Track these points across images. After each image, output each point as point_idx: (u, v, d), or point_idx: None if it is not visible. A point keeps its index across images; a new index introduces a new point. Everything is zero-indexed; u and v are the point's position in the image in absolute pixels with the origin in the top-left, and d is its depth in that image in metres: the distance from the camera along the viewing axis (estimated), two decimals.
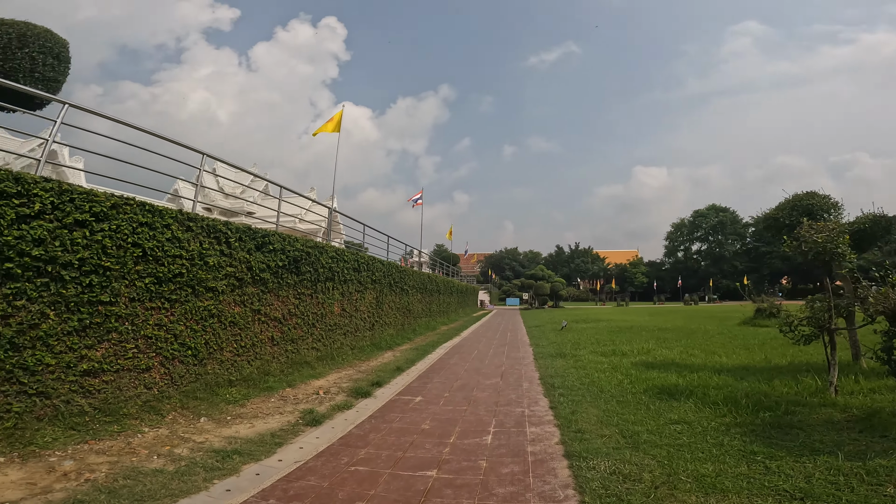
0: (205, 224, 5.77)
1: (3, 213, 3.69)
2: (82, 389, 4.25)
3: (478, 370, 8.10)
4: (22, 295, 3.82)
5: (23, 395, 3.77)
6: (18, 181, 3.83)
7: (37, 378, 3.88)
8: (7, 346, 3.67)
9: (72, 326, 4.19)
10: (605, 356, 8.93)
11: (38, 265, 3.94)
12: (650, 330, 14.25)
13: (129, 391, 4.71)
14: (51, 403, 3.97)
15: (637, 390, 6.04)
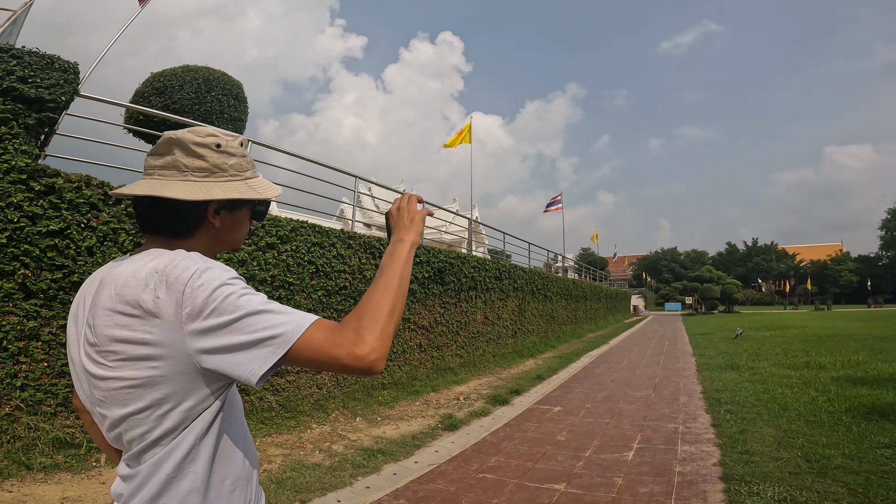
0: (362, 241, 6.61)
1: None
2: (272, 388, 5.23)
3: (626, 381, 7.53)
4: None
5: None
6: None
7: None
8: None
9: None
10: (793, 369, 7.47)
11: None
12: (861, 339, 11.41)
13: (304, 390, 5.61)
14: (249, 399, 4.98)
15: (836, 409, 4.96)
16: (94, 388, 0.76)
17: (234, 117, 8.95)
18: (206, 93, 8.50)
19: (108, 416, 0.75)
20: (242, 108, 9.20)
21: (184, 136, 0.82)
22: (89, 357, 0.75)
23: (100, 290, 0.75)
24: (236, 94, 9.09)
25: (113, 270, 0.77)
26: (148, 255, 0.77)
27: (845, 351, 9.17)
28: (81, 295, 0.81)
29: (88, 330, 0.75)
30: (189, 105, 8.27)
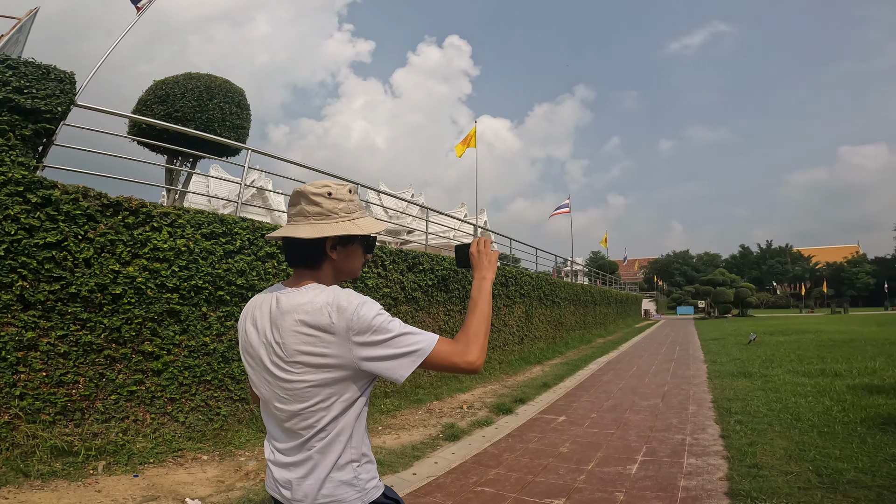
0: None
1: (214, 251, 4.80)
2: None
3: (634, 389, 7.38)
4: (231, 317, 4.89)
5: (229, 401, 4.78)
6: (223, 223, 4.95)
7: (240, 386, 4.87)
8: (220, 358, 4.73)
9: None
10: (808, 377, 7.25)
11: (242, 292, 5.00)
12: (879, 344, 11.08)
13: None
14: (248, 409, 4.93)
15: (851, 419, 4.79)
16: (278, 389, 1.02)
17: (237, 125, 8.93)
18: (207, 100, 8.51)
19: (288, 409, 1.01)
20: (245, 115, 9.18)
21: (306, 188, 1.08)
22: (277, 366, 1.01)
23: (283, 316, 1.01)
24: (238, 101, 9.06)
25: (289, 300, 1.03)
26: (312, 288, 1.04)
27: (862, 357, 8.89)
28: (256, 315, 1.08)
29: (277, 347, 1.01)
30: (191, 113, 8.30)
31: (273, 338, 1.02)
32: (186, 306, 4.47)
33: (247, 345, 1.10)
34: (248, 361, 1.11)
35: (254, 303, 1.13)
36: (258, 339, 1.07)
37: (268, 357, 1.04)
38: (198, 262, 4.56)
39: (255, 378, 1.09)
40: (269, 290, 1.13)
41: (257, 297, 1.13)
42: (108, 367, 4.03)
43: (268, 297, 1.09)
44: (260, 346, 1.06)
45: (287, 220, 1.12)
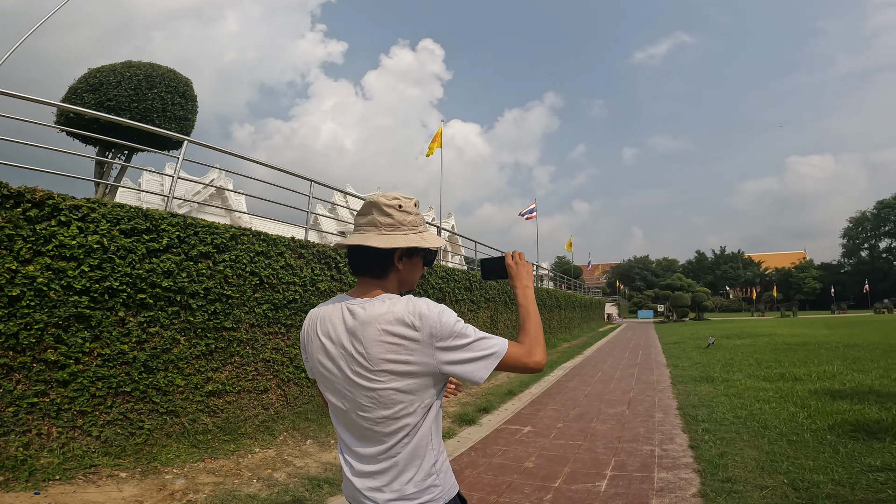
0: (315, 250, 6.07)
1: (135, 249, 4.21)
2: (208, 409, 4.63)
3: (600, 396, 7.18)
4: (155, 322, 4.30)
5: (154, 414, 4.21)
6: (148, 218, 4.37)
7: (168, 398, 4.30)
8: (142, 368, 4.14)
9: (200, 351, 4.61)
10: (769, 381, 7.26)
11: (169, 295, 4.42)
12: (832, 347, 11.44)
13: (248, 411, 5.02)
14: (179, 422, 4.37)
15: (818, 426, 4.69)
16: (361, 398, 1.04)
17: (180, 116, 8.33)
18: (146, 90, 7.88)
19: (373, 416, 1.04)
20: (190, 106, 8.60)
21: (379, 199, 1.11)
22: (361, 376, 1.03)
23: (364, 327, 1.03)
24: (183, 91, 8.48)
25: (368, 310, 1.04)
26: (387, 298, 1.07)
27: (818, 361, 9.09)
28: (328, 327, 1.09)
29: (360, 357, 1.03)
30: (126, 102, 7.62)
31: (354, 349, 1.03)
32: (99, 310, 3.87)
33: (320, 356, 1.10)
34: (322, 373, 1.10)
35: (320, 314, 1.13)
36: (336, 350, 1.07)
37: (348, 368, 1.04)
38: (113, 262, 3.97)
39: (331, 389, 1.10)
40: (334, 301, 1.13)
41: (323, 309, 1.14)
42: (4, 377, 3.45)
43: (336, 309, 1.10)
44: (339, 358, 1.06)
45: (355, 229, 1.15)
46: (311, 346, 1.12)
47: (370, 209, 1.11)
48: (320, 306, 1.16)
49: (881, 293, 53.86)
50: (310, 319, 1.15)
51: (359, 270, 1.14)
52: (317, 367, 1.12)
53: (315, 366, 1.12)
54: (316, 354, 1.11)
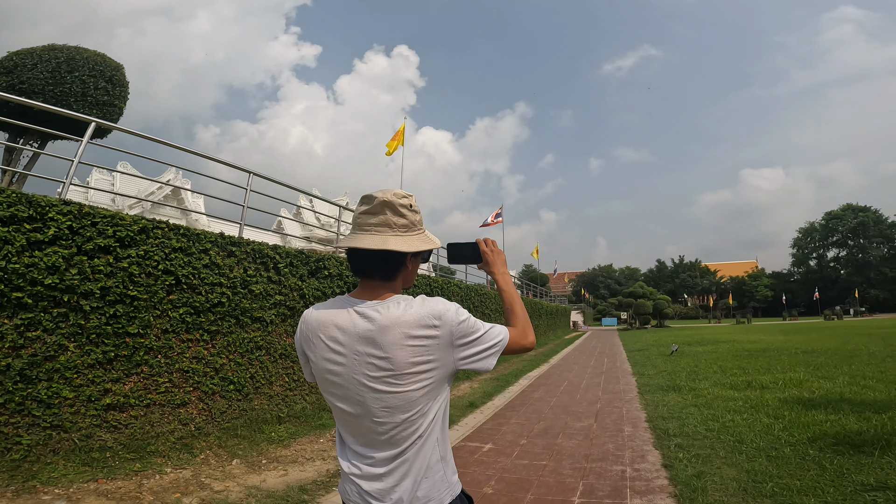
0: (249, 249, 5.34)
1: (13, 240, 3.42)
2: (106, 424, 3.86)
3: (566, 408, 6.71)
4: (36, 326, 3.51)
5: (35, 428, 3.47)
6: (32, 204, 3.58)
7: (52, 411, 3.55)
8: (17, 377, 3.36)
9: (95, 359, 3.83)
10: (736, 390, 6.99)
11: (54, 294, 3.63)
12: (792, 353, 11.49)
13: (160, 427, 4.29)
14: (69, 437, 3.62)
15: (797, 440, 4.35)
16: (379, 403, 1.00)
17: (104, 101, 7.55)
18: (66, 73, 7.10)
19: (392, 420, 1.00)
20: (118, 92, 7.84)
21: (391, 198, 1.07)
22: (383, 381, 0.99)
23: (383, 332, 0.99)
24: (111, 76, 7.74)
25: (385, 314, 1.00)
26: (401, 300, 1.04)
27: (781, 367, 8.99)
28: (336, 333, 1.03)
29: (383, 362, 0.98)
30: (40, 85, 6.80)
31: (373, 354, 1.00)
32: None
33: (327, 363, 1.04)
34: (331, 379, 1.05)
35: (321, 318, 1.07)
36: (348, 356, 1.02)
37: (365, 374, 1.00)
38: None
39: (340, 395, 1.05)
40: (337, 304, 1.08)
41: (323, 312, 1.07)
42: None
43: (342, 313, 1.05)
44: (352, 364, 1.02)
45: (359, 229, 1.08)
46: (315, 350, 1.06)
47: (382, 209, 1.06)
48: (317, 308, 1.09)
49: (830, 300, 56.85)
50: (307, 322, 1.09)
51: (368, 273, 1.09)
52: (323, 374, 1.06)
53: (321, 372, 1.06)
54: (322, 360, 1.05)
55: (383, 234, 1.04)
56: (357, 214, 1.09)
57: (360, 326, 1.00)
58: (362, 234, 1.05)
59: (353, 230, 1.10)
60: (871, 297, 55.97)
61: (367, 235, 1.05)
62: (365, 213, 1.07)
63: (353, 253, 1.08)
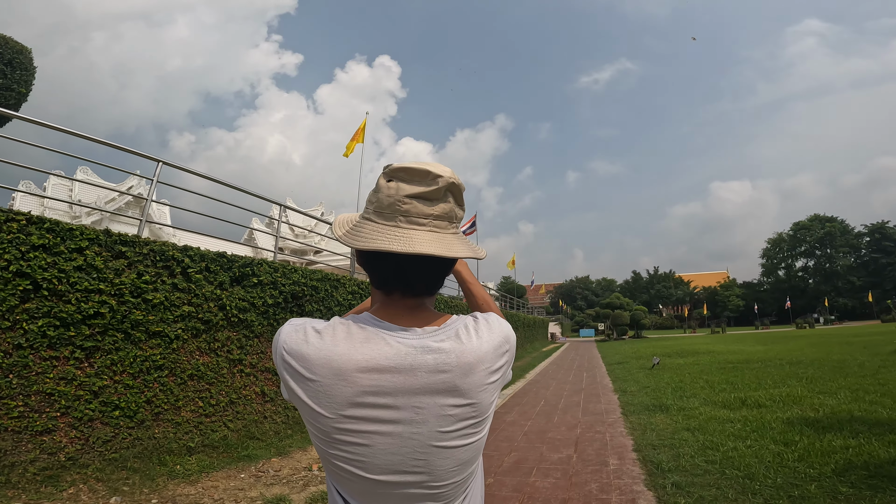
0: (147, 249, 4.31)
1: None
2: None
3: (542, 434, 5.80)
4: None
5: None
6: None
7: None
8: None
9: None
10: (730, 409, 6.22)
11: None
12: (778, 364, 10.91)
13: (15, 456, 3.35)
14: None
15: (819, 473, 3.56)
16: (448, 462, 0.74)
17: (0, 85, 6.55)
18: None
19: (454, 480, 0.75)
20: (18, 76, 6.96)
21: (458, 180, 0.76)
22: (460, 434, 0.73)
23: (468, 373, 0.72)
24: (10, 59, 6.87)
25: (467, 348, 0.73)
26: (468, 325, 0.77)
27: (772, 382, 8.31)
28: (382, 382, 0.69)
29: (465, 410, 0.73)
30: None
31: (449, 403, 0.72)
32: None
33: (362, 423, 0.69)
34: (359, 444, 0.69)
35: (353, 358, 0.68)
36: (405, 411, 0.70)
37: (436, 432, 0.71)
38: None
39: (381, 464, 0.70)
40: (364, 333, 0.71)
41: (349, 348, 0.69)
42: None
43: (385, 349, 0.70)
44: (415, 420, 0.70)
45: (404, 218, 0.72)
46: (330, 402, 0.68)
47: (446, 194, 0.74)
48: (326, 337, 0.69)
49: (799, 309, 58.05)
50: (307, 360, 0.68)
51: (418, 287, 0.78)
52: (342, 435, 0.69)
53: (337, 432, 0.69)
54: (344, 420, 0.68)
55: (445, 233, 0.74)
56: (401, 197, 0.71)
57: (425, 367, 0.70)
58: (419, 231, 0.71)
59: (398, 222, 0.71)
60: (839, 306, 57.39)
61: (425, 233, 0.72)
62: (419, 198, 0.72)
63: (400, 259, 0.72)
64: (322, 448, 0.74)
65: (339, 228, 0.79)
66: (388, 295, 0.78)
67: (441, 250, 0.71)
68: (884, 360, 10.17)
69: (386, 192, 0.73)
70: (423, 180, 0.73)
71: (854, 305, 57.50)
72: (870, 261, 59.27)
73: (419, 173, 0.73)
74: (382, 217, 0.73)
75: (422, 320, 0.76)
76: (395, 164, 0.75)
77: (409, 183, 0.73)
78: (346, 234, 0.76)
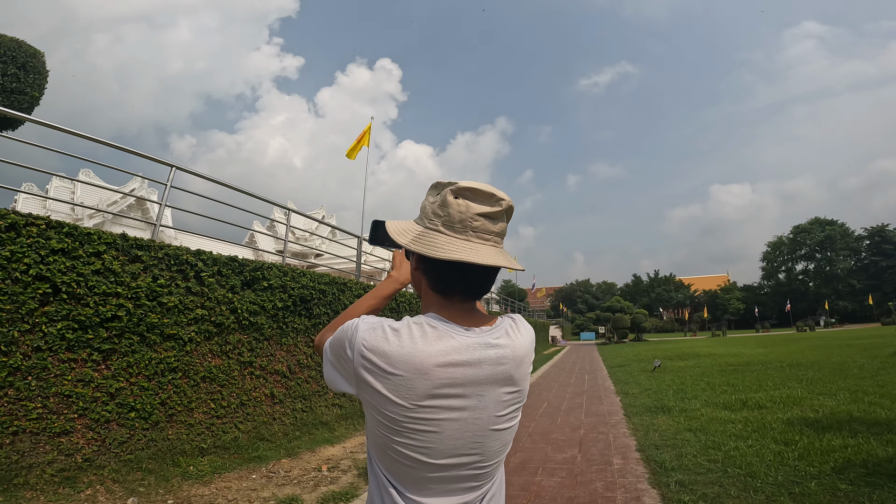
0: (162, 254, 4.41)
1: None
2: None
3: (545, 435, 5.89)
4: None
5: None
6: None
7: None
8: None
9: None
10: (731, 410, 6.31)
11: None
12: (778, 367, 10.99)
13: (34, 457, 3.44)
14: None
15: (819, 471, 3.65)
16: (497, 443, 0.85)
17: (14, 89, 6.76)
18: None
19: (498, 460, 0.87)
20: (31, 80, 7.08)
21: (509, 200, 0.85)
22: (508, 418, 0.85)
23: (519, 366, 0.85)
24: (24, 62, 7.02)
25: (515, 341, 0.86)
26: (512, 322, 0.91)
27: (772, 384, 8.40)
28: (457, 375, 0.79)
29: (515, 395, 0.86)
30: None
31: (506, 391, 0.84)
32: None
33: (435, 412, 0.78)
34: (429, 431, 0.78)
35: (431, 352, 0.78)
36: (472, 399, 0.80)
37: (493, 416, 0.83)
38: None
39: (445, 449, 0.79)
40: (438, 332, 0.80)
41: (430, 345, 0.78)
42: None
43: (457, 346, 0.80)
44: (478, 407, 0.81)
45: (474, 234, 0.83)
46: (409, 394, 0.76)
47: (502, 216, 0.86)
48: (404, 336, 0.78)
49: (800, 312, 57.99)
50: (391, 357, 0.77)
51: (478, 293, 0.89)
52: (412, 423, 0.77)
53: (408, 420, 0.77)
54: (419, 409, 0.77)
55: (501, 248, 0.87)
56: (472, 215, 0.82)
57: (489, 360, 0.82)
58: (486, 246, 0.83)
59: (469, 237, 0.82)
60: (839, 309, 57.37)
61: (490, 248, 0.83)
62: (487, 217, 0.83)
63: (465, 268, 0.82)
64: (387, 437, 0.80)
65: (402, 237, 0.87)
66: (448, 298, 0.87)
67: (505, 262, 0.83)
68: (883, 363, 10.25)
69: (456, 209, 0.82)
70: (489, 201, 0.83)
71: (854, 308, 57.51)
72: (870, 264, 59.30)
73: (486, 195, 0.83)
74: (454, 230, 0.82)
75: (478, 320, 0.87)
76: (461, 184, 0.84)
77: (476, 202, 0.83)
78: (412, 242, 0.84)
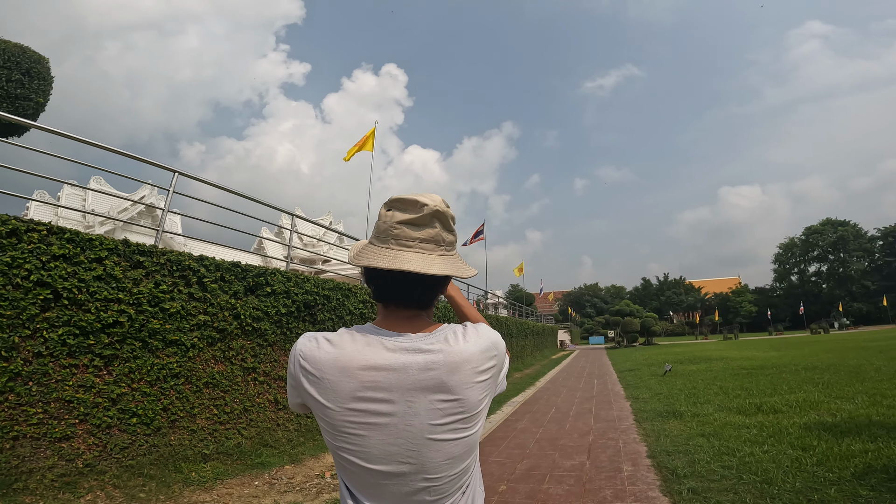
0: (164, 259, 4.40)
1: None
2: None
3: (554, 441, 5.77)
4: None
5: None
6: None
7: None
8: None
9: None
10: (745, 415, 6.14)
11: None
12: (793, 370, 10.74)
13: (34, 462, 3.42)
14: None
15: (839, 477, 3.52)
16: (439, 455, 0.82)
17: (18, 94, 6.81)
18: None
19: (447, 474, 0.83)
20: (36, 86, 7.14)
21: (445, 208, 0.87)
22: (450, 428, 0.82)
23: (453, 373, 0.82)
24: (28, 68, 7.10)
25: (453, 350, 0.83)
26: (456, 331, 0.87)
27: (787, 387, 8.20)
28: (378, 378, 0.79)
29: (453, 405, 0.82)
30: None
31: (438, 399, 0.81)
32: None
33: (362, 415, 0.80)
34: (361, 435, 0.80)
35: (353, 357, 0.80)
36: (399, 404, 0.80)
37: (427, 424, 0.81)
38: None
39: (380, 454, 0.81)
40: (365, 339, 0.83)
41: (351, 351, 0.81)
42: None
43: (381, 351, 0.81)
44: (409, 413, 0.80)
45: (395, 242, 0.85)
46: (336, 397, 0.79)
47: (432, 220, 0.86)
48: (333, 344, 0.82)
49: (813, 314, 57.08)
50: (318, 362, 0.81)
51: (410, 301, 0.88)
52: (348, 427, 0.80)
53: (344, 425, 0.80)
54: (348, 412, 0.80)
55: (432, 255, 0.85)
56: (393, 223, 0.85)
57: (415, 366, 0.81)
58: (405, 252, 0.84)
59: (389, 245, 0.85)
60: (854, 311, 56.38)
61: (411, 254, 0.84)
62: (408, 224, 0.85)
63: (391, 275, 0.84)
64: (331, 442, 0.84)
65: (352, 252, 0.93)
66: (387, 307, 0.89)
67: (420, 268, 0.82)
68: None
69: (383, 220, 0.86)
70: (411, 209, 0.85)
71: (869, 310, 56.46)
72: (884, 265, 58.26)
73: (409, 203, 0.85)
74: (379, 240, 0.87)
75: (416, 328, 0.87)
76: (394, 196, 0.88)
77: (401, 211, 0.86)
78: (353, 256, 0.90)
